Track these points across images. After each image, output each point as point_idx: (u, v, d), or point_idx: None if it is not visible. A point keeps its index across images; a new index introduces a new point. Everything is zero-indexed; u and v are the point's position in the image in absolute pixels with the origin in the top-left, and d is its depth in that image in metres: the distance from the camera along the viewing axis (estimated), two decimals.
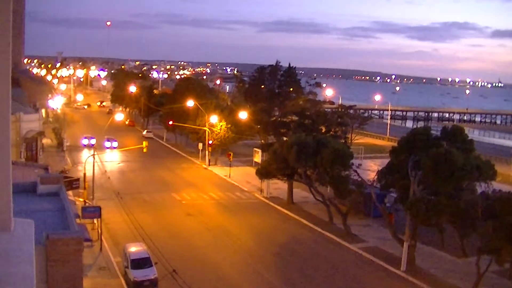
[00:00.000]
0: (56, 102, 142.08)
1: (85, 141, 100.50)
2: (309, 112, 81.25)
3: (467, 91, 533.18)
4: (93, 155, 63.92)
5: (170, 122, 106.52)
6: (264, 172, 66.32)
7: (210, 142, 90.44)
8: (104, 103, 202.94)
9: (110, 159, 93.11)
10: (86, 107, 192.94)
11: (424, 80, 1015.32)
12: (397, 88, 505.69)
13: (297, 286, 44.38)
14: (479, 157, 49.36)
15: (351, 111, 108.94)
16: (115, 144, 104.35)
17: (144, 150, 74.86)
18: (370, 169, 77.88)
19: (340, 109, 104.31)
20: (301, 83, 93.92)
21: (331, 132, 76.89)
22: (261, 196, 73.81)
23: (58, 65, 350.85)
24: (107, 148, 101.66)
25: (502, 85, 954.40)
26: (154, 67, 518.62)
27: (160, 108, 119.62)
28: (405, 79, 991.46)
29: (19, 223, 7.03)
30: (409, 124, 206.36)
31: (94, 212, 51.69)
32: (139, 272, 42.67)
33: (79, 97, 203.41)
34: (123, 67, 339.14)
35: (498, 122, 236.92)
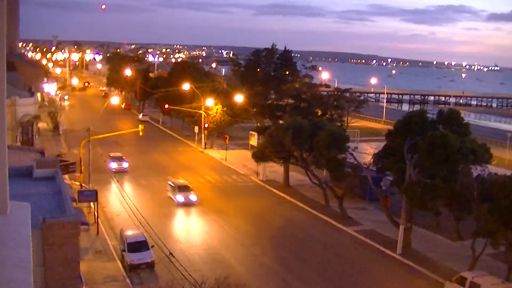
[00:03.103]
0: (52, 87, 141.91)
1: (113, 165, 75.86)
2: (305, 95, 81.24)
3: (463, 75, 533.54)
4: (89, 139, 63.77)
5: (166, 106, 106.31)
6: (260, 155, 66.37)
7: (206, 125, 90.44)
8: (88, 84, 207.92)
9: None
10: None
11: (420, 64, 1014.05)
12: (393, 71, 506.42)
13: (293, 269, 44.54)
14: (475, 141, 49.40)
15: (347, 94, 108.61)
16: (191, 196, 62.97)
17: (140, 133, 74.80)
18: (366, 152, 77.85)
19: (336, 92, 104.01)
20: (297, 66, 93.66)
21: (327, 115, 76.93)
22: (257, 179, 73.91)
23: (53, 48, 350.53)
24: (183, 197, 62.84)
25: (498, 68, 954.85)
26: (149, 50, 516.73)
27: (156, 92, 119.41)
28: (401, 63, 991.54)
29: (15, 206, 7.04)
30: (405, 107, 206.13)
31: (90, 195, 51.84)
32: (136, 255, 42.81)
33: (75, 80, 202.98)
34: (118, 50, 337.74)
35: (494, 105, 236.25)
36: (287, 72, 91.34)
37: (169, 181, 65.34)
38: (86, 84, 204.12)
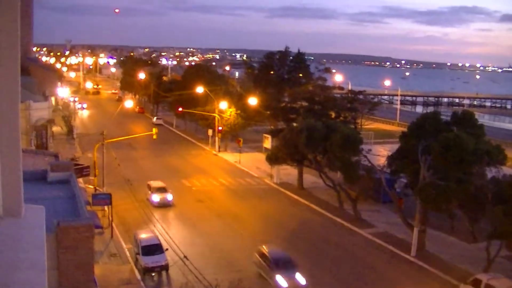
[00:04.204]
0: (66, 92, 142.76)
1: (155, 198, 61.85)
2: (319, 98, 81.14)
3: (477, 76, 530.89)
4: (102, 143, 64.03)
5: (180, 109, 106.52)
6: (274, 158, 66.40)
7: (220, 128, 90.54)
8: (97, 86, 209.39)
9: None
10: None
11: (433, 65, 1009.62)
12: (407, 73, 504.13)
13: (307, 271, 44.43)
14: (489, 142, 49.25)
15: (361, 97, 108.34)
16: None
17: (154, 137, 75.05)
18: (380, 154, 77.65)
19: (349, 95, 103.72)
20: (310, 68, 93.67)
21: (340, 118, 76.84)
22: (271, 182, 73.92)
23: (67, 53, 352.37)
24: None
25: None
26: (163, 54, 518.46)
27: (170, 95, 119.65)
28: (415, 64, 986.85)
29: (29, 209, 7.12)
30: (419, 109, 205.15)
31: (104, 199, 51.95)
32: (150, 258, 42.88)
33: (89, 84, 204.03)
34: (132, 54, 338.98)
35: (509, 106, 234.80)
36: (301, 75, 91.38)
37: (260, 252, 44.18)
38: (96, 86, 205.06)
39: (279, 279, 40.63)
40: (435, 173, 45.93)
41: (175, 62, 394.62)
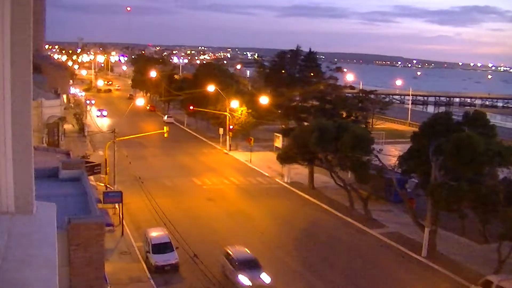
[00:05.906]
0: (80, 92, 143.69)
1: (245, 280, 39.80)
2: (330, 97, 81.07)
3: (489, 76, 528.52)
4: (114, 140, 64.15)
5: (191, 107, 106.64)
6: (285, 157, 66.34)
7: (231, 127, 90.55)
8: (109, 82, 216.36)
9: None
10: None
11: (445, 65, 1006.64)
12: (418, 73, 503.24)
13: (317, 271, 44.45)
14: (501, 142, 49.03)
15: (372, 96, 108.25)
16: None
17: (165, 135, 75.11)
18: (391, 154, 77.42)
19: (361, 94, 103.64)
20: (321, 68, 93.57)
21: (352, 117, 76.73)
22: (282, 181, 73.85)
23: (79, 51, 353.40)
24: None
25: None
26: (174, 52, 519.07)
27: (181, 93, 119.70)
28: (426, 64, 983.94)
29: (41, 206, 7.11)
30: (430, 109, 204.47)
31: (115, 197, 52.04)
32: (160, 256, 42.95)
33: (100, 82, 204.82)
34: (143, 52, 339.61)
35: None
36: (312, 74, 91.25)
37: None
38: (107, 83, 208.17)
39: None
40: (446, 173, 45.79)
41: (186, 61, 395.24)
